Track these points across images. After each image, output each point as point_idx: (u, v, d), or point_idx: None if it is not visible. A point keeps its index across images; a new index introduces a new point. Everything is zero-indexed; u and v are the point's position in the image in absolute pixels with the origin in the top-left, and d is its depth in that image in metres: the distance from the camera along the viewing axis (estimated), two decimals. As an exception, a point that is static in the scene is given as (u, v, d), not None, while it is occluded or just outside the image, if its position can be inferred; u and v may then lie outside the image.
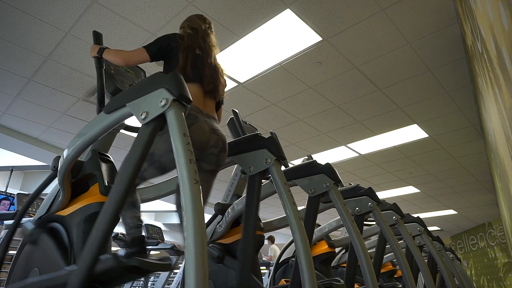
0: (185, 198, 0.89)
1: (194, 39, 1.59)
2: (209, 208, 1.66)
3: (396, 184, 7.03)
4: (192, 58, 1.53)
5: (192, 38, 1.58)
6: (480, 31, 1.79)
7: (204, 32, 1.65)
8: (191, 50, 1.54)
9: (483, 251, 10.34)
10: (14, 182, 7.33)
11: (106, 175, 1.51)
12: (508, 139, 1.62)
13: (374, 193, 2.05)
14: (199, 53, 1.57)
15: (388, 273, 3.49)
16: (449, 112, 4.29)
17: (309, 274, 1.29)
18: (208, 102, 1.57)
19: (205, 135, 1.45)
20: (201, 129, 1.44)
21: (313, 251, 2.63)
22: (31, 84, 3.81)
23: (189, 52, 1.53)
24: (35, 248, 1.45)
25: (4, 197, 5.13)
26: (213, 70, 1.60)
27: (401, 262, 1.92)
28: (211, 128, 1.50)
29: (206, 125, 1.47)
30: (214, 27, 1.78)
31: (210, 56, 1.62)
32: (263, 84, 3.83)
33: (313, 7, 2.78)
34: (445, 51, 3.25)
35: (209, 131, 1.48)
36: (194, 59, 1.53)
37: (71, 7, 2.79)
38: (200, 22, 1.67)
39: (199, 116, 1.45)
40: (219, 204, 1.97)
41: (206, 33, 1.66)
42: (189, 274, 0.81)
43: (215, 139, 1.50)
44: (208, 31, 1.68)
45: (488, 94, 2.15)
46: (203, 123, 1.46)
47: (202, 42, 1.61)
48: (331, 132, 4.95)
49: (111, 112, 1.17)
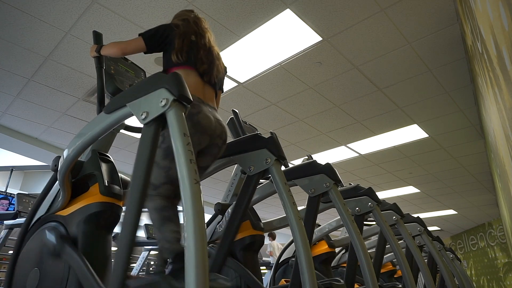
0: (185, 198, 0.89)
1: (189, 26, 1.60)
2: (209, 208, 1.66)
3: (396, 184, 7.03)
4: (188, 44, 1.53)
5: (186, 25, 1.60)
6: (480, 31, 1.79)
7: (195, 18, 1.67)
8: (187, 36, 1.55)
9: (483, 251, 10.34)
10: (14, 182, 7.33)
11: (106, 175, 1.51)
12: (508, 139, 1.62)
13: (374, 193, 2.05)
14: (194, 39, 1.58)
15: (388, 273, 3.50)
16: (449, 112, 4.29)
17: (309, 274, 1.29)
18: (207, 91, 1.56)
19: (212, 124, 1.45)
20: (208, 118, 1.43)
21: (313, 251, 2.63)
22: (31, 84, 3.81)
23: (185, 38, 1.54)
24: (35, 248, 1.45)
25: (3, 196, 5.13)
26: (208, 52, 1.60)
27: (401, 262, 1.92)
28: (216, 118, 1.49)
29: (210, 114, 1.46)
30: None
31: (204, 37, 1.63)
32: (263, 84, 3.83)
33: (313, 7, 2.78)
34: (445, 51, 3.25)
35: (214, 120, 1.47)
36: (189, 45, 1.54)
37: (71, 7, 2.79)
38: (187, 13, 1.71)
39: (202, 106, 1.44)
40: (219, 204, 1.97)
41: (196, 18, 1.68)
42: (189, 274, 0.81)
43: (220, 129, 1.50)
44: (198, 17, 1.70)
45: (488, 94, 2.15)
46: (208, 112, 1.45)
47: (195, 26, 1.63)
48: (331, 132, 4.95)
49: (111, 112, 1.17)
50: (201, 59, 1.55)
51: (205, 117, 1.41)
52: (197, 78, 1.52)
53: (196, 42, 1.58)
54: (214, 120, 1.47)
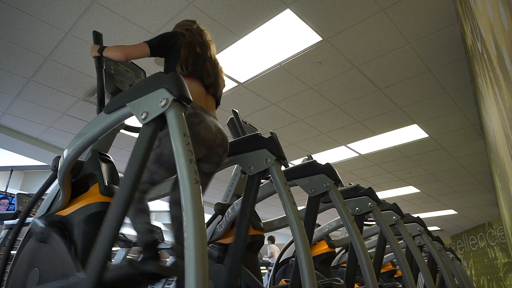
0: (185, 198, 0.89)
1: (193, 37, 1.61)
2: (209, 208, 1.66)
3: (396, 184, 7.03)
4: (193, 55, 1.54)
5: (191, 36, 1.60)
6: (480, 31, 1.79)
7: (198, 29, 1.68)
8: (192, 46, 1.56)
9: (483, 251, 10.34)
10: (14, 182, 7.34)
11: (106, 175, 1.51)
12: (508, 139, 1.62)
13: (374, 193, 2.05)
14: (199, 51, 1.59)
15: (388, 273, 3.50)
16: (449, 112, 4.29)
17: (309, 274, 1.29)
18: (209, 100, 1.57)
19: (212, 134, 1.47)
20: (209, 127, 1.45)
21: (313, 251, 2.63)
22: (31, 84, 3.81)
23: (190, 48, 1.55)
24: (35, 248, 1.45)
25: (3, 196, 5.13)
26: (213, 65, 1.62)
27: (401, 262, 1.92)
28: (217, 127, 1.51)
29: (212, 124, 1.48)
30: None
31: (209, 50, 1.65)
32: (263, 84, 3.83)
33: (313, 7, 2.78)
34: (445, 51, 3.25)
35: (215, 130, 1.49)
36: (195, 56, 1.55)
37: (71, 7, 2.79)
38: (189, 23, 1.71)
39: (204, 115, 1.45)
40: (219, 204, 1.97)
41: (199, 29, 1.69)
42: (189, 274, 0.81)
43: (220, 138, 1.52)
44: (201, 28, 1.71)
45: (488, 94, 2.15)
46: (210, 122, 1.47)
47: (200, 38, 1.63)
48: (331, 132, 4.95)
49: (111, 112, 1.17)
50: (208, 72, 1.57)
51: (205, 127, 1.43)
52: (200, 88, 1.53)
53: (202, 54, 1.59)
54: (215, 129, 1.49)
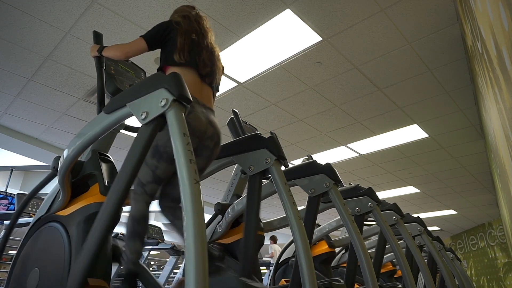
0: (185, 198, 0.89)
1: (190, 24, 1.57)
2: (209, 208, 1.66)
3: (396, 184, 7.03)
4: (189, 43, 1.51)
5: (188, 23, 1.57)
6: (480, 31, 1.79)
7: (196, 16, 1.64)
8: (188, 34, 1.53)
9: (483, 251, 10.34)
10: (14, 182, 7.33)
11: (106, 175, 1.51)
12: (508, 139, 1.62)
13: (374, 193, 2.05)
14: (195, 38, 1.55)
15: (388, 273, 3.50)
16: (449, 112, 4.29)
17: (309, 274, 1.28)
18: (205, 90, 1.54)
19: (202, 125, 1.44)
20: (199, 118, 1.41)
21: (313, 251, 2.63)
22: (31, 84, 3.81)
23: (186, 36, 1.52)
24: (35, 248, 1.45)
25: (3, 196, 5.12)
26: (210, 53, 1.58)
27: (401, 262, 1.92)
28: (208, 120, 1.47)
29: (203, 115, 1.45)
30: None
31: (207, 37, 1.61)
32: (263, 84, 3.83)
33: (313, 7, 2.78)
34: (445, 51, 3.25)
35: (206, 122, 1.45)
36: (191, 44, 1.52)
37: (71, 7, 2.79)
38: (188, 9, 1.66)
39: (196, 106, 1.42)
40: (219, 204, 1.97)
41: (198, 16, 1.64)
42: (189, 274, 0.81)
43: (211, 131, 1.48)
44: (200, 15, 1.67)
45: (488, 94, 2.15)
46: (200, 113, 1.43)
47: (197, 25, 1.60)
48: (331, 132, 4.95)
49: (111, 112, 1.17)
50: (204, 61, 1.54)
51: (195, 118, 1.40)
52: (195, 77, 1.50)
53: (198, 42, 1.56)
54: (206, 121, 1.46)
